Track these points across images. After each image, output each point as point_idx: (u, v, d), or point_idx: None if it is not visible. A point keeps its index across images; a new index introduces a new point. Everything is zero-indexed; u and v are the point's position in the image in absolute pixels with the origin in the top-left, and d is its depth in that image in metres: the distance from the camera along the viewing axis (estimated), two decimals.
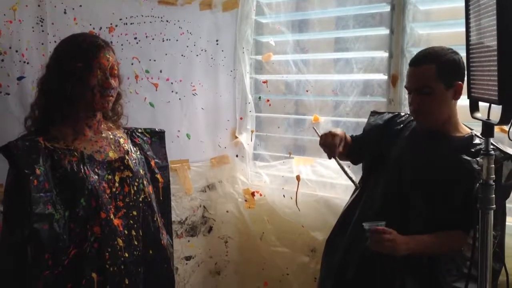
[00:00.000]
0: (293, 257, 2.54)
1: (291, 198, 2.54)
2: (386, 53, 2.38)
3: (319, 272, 2.05)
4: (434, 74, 1.68)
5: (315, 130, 1.95)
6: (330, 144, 1.80)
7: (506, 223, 1.78)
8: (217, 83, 2.76)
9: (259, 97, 2.88)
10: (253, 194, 2.71)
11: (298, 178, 2.52)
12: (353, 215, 1.90)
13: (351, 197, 2.01)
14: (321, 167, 2.55)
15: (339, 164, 1.83)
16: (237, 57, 2.80)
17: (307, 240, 2.49)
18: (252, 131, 2.85)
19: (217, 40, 2.73)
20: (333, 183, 2.50)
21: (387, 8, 2.37)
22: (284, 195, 2.61)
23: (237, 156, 2.83)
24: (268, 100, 2.85)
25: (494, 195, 1.31)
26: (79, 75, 1.62)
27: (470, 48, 1.44)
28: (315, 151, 2.63)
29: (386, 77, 2.39)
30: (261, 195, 2.71)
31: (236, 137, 2.83)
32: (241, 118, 2.84)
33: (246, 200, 2.72)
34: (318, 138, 2.52)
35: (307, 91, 2.66)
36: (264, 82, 2.85)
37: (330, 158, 1.82)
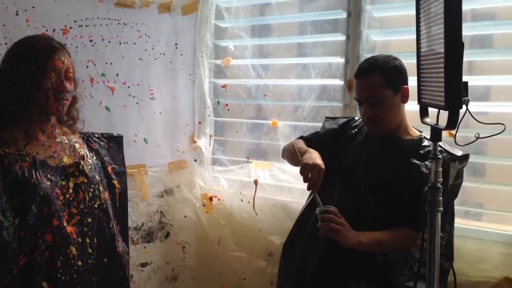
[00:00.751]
0: (250, 261, 2.55)
1: (249, 203, 2.54)
2: (343, 59, 2.42)
3: (275, 276, 2.06)
4: (381, 82, 1.74)
5: (297, 153, 1.84)
6: (314, 179, 1.72)
7: (455, 224, 1.84)
8: (176, 87, 2.75)
9: (218, 102, 2.88)
10: (211, 198, 2.70)
11: (255, 182, 2.52)
12: (309, 219, 1.92)
13: (306, 201, 2.03)
14: (279, 171, 2.56)
15: (317, 199, 1.73)
16: (196, 61, 2.80)
17: (264, 244, 2.50)
18: (210, 136, 2.84)
19: (176, 44, 2.72)
20: (290, 187, 2.52)
21: (344, 15, 2.42)
22: (241, 200, 2.61)
23: (195, 160, 2.82)
24: (227, 105, 2.86)
25: (441, 198, 1.34)
26: (33, 78, 1.58)
27: (420, 55, 1.49)
28: (273, 155, 2.66)
29: (342, 82, 2.44)
30: (219, 199, 2.70)
31: (195, 142, 2.82)
32: (199, 123, 2.83)
33: (204, 205, 2.71)
34: (279, 143, 2.58)
35: (265, 95, 2.68)
36: (223, 86, 2.85)
37: (309, 190, 1.75)
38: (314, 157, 1.76)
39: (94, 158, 1.83)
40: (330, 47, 2.50)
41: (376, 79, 1.74)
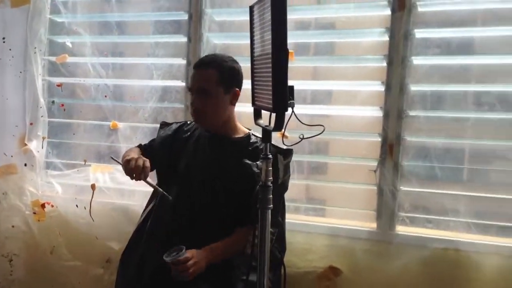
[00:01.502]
0: (87, 270, 2.44)
1: (85, 208, 2.43)
2: (184, 61, 2.44)
3: (114, 283, 1.99)
4: (215, 78, 1.80)
5: (114, 160, 1.89)
6: (138, 169, 1.74)
7: (287, 220, 1.97)
8: (3, 84, 2.55)
9: (53, 101, 2.70)
10: (43, 205, 2.53)
11: (93, 186, 2.42)
12: (146, 226, 1.91)
13: (145, 209, 2.01)
14: (119, 174, 2.47)
15: (150, 184, 1.79)
16: (28, 57, 2.60)
17: (102, 251, 2.41)
18: (43, 138, 2.65)
19: (3, 38, 2.53)
20: (132, 190, 2.46)
21: (185, 17, 2.43)
22: (77, 205, 2.48)
23: (25, 165, 2.61)
24: (62, 105, 2.69)
25: (271, 196, 1.42)
26: None
27: (254, 60, 1.55)
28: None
29: (184, 84, 2.45)
30: (52, 206, 2.54)
31: (25, 145, 2.61)
32: (31, 124, 2.63)
33: (35, 213, 2.53)
34: (120, 145, 2.50)
35: (105, 96, 2.58)
36: (58, 85, 2.68)
37: (138, 180, 1.76)
38: (131, 154, 1.83)
39: None
40: (172, 49, 2.50)
41: (211, 74, 1.81)
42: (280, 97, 1.28)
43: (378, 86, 2.14)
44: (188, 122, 2.03)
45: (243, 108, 1.95)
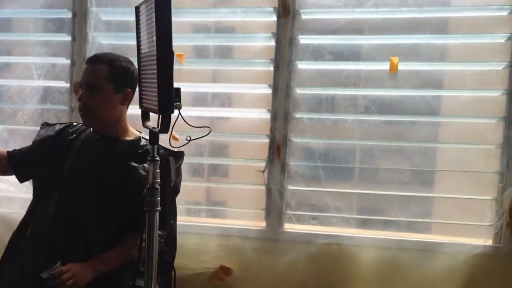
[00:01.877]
0: None
1: None
2: (68, 61, 2.35)
3: None
4: (105, 74, 1.75)
5: None
6: None
7: (179, 222, 1.95)
8: None
9: None
10: None
11: None
12: (25, 234, 1.80)
13: (24, 217, 1.88)
14: None
15: None
16: None
17: None
18: None
19: None
20: (10, 197, 2.32)
21: (69, 15, 2.34)
22: None
23: None
24: None
25: (159, 198, 1.40)
26: None
27: (141, 62, 1.52)
28: None
29: (68, 84, 2.35)
30: None
31: None
32: None
33: None
34: None
35: None
36: None
37: None
38: None
39: None
40: (54, 47, 2.39)
41: (101, 69, 1.76)
42: (166, 99, 1.28)
43: (266, 89, 2.22)
44: (74, 124, 1.93)
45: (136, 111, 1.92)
